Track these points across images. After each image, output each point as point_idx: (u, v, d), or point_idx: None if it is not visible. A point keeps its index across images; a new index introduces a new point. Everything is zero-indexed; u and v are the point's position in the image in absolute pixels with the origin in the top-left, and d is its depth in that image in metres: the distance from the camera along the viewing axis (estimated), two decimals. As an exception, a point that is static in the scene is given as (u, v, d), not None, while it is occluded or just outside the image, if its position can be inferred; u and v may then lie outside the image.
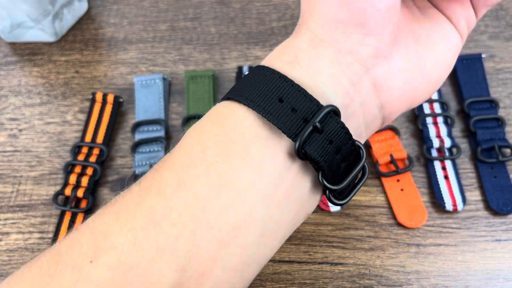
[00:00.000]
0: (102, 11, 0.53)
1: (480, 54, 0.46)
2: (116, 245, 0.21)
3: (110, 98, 0.46)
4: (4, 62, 0.50)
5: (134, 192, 0.23)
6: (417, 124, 0.44)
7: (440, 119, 0.44)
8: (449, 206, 0.39)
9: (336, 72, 0.24)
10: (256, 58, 0.49)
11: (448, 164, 0.42)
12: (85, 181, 0.42)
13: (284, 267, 0.38)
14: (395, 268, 0.38)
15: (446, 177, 0.41)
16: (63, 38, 0.52)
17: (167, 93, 0.47)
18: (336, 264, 0.38)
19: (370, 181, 0.41)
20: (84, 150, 0.44)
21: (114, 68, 0.49)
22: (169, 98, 0.47)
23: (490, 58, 0.47)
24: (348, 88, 0.24)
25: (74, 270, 0.21)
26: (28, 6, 0.47)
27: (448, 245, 0.38)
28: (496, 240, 0.38)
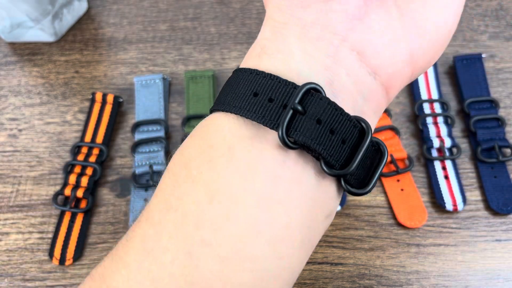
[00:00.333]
0: (102, 11, 0.53)
1: (480, 54, 0.46)
2: (111, 285, 0.20)
3: (110, 98, 0.46)
4: (4, 62, 0.50)
5: (129, 230, 0.22)
6: (417, 124, 0.44)
7: (440, 119, 0.44)
8: (449, 206, 0.39)
9: (308, 48, 0.22)
10: (256, 58, 0.49)
11: (448, 164, 0.42)
12: (85, 181, 0.42)
13: (284, 267, 0.38)
14: (395, 268, 0.38)
15: (446, 177, 0.41)
16: (63, 38, 0.52)
17: (167, 93, 0.47)
18: (336, 264, 0.38)
19: (370, 181, 0.41)
20: (84, 150, 0.44)
21: (114, 68, 0.49)
22: (169, 98, 0.47)
23: (490, 58, 0.47)
24: (326, 62, 0.22)
25: None
26: (28, 6, 0.47)
27: (448, 245, 0.38)
28: (496, 240, 0.38)
